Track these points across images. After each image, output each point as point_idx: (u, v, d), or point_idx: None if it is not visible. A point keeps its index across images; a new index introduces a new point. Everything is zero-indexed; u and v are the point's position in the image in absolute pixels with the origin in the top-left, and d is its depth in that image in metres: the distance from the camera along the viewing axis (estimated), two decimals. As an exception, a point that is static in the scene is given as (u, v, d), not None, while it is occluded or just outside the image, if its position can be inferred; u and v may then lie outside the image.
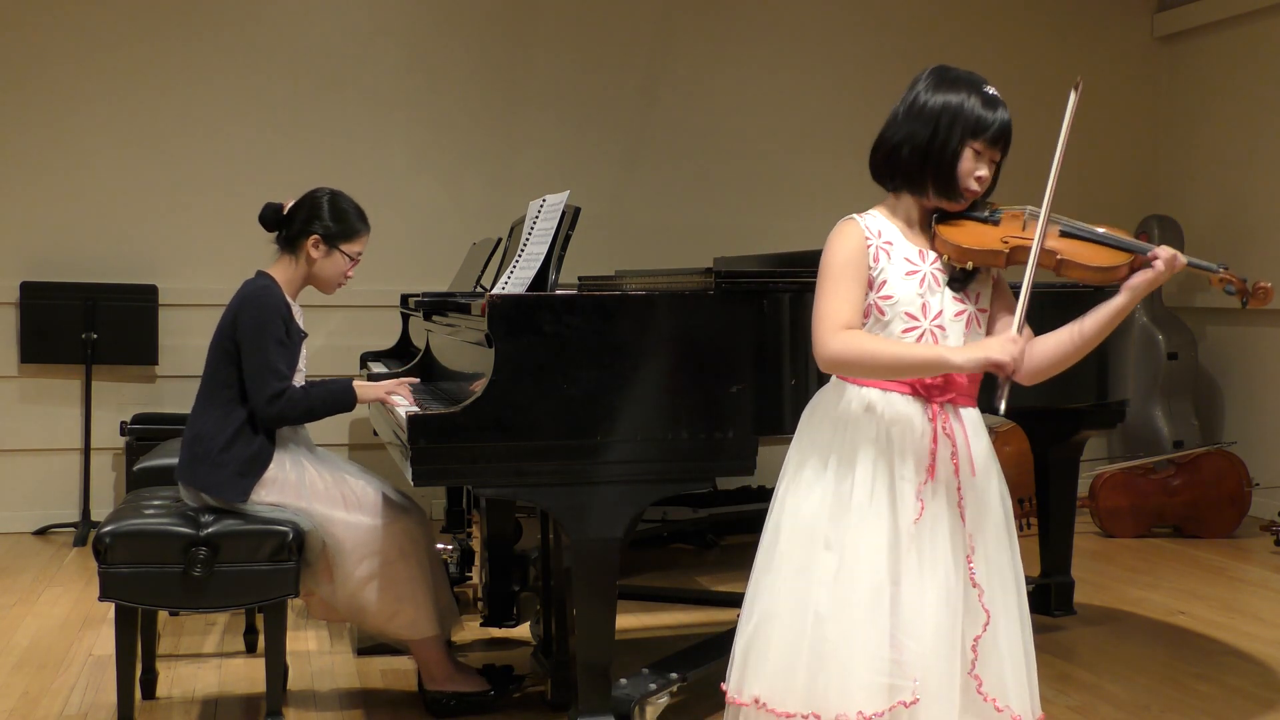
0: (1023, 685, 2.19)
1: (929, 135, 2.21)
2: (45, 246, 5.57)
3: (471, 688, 3.32)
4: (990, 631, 2.17)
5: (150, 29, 5.65)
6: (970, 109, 2.21)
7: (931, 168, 2.21)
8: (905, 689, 2.12)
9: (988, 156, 2.23)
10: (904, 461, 2.17)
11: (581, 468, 2.82)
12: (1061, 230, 2.25)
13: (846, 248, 2.22)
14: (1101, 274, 2.21)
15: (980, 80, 2.27)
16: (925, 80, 2.26)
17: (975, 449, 2.22)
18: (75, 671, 3.67)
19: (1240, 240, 6.18)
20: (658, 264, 5.16)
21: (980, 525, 2.20)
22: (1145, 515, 5.63)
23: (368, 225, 3.38)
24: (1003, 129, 2.23)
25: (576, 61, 6.09)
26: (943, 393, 2.19)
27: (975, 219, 2.26)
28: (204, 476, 3.15)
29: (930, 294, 2.21)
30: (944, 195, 2.23)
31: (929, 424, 2.18)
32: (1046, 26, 6.62)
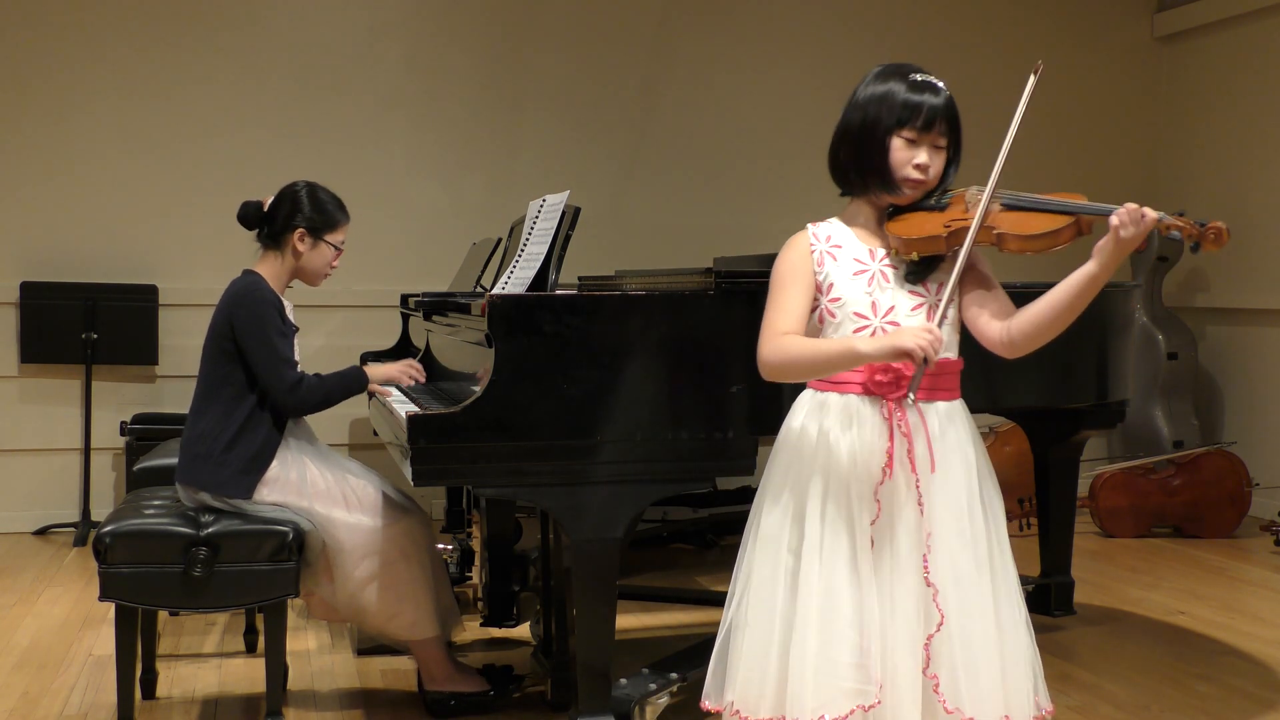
0: (991, 688, 2.13)
1: (858, 133, 2.20)
2: (45, 246, 5.57)
3: (471, 688, 3.32)
4: (945, 632, 2.12)
5: (151, 30, 5.65)
6: (894, 99, 2.17)
7: (865, 163, 2.20)
8: (868, 693, 2.10)
9: (926, 143, 2.18)
10: (859, 462, 2.15)
11: (581, 468, 2.83)
12: (1004, 204, 2.17)
13: (789, 258, 2.24)
14: (1040, 241, 2.12)
15: (911, 68, 2.21)
16: (864, 79, 2.24)
17: (938, 445, 2.17)
18: (75, 671, 3.67)
19: (1240, 240, 6.17)
20: (658, 264, 5.15)
21: (939, 523, 2.15)
22: (1145, 515, 5.63)
23: (347, 215, 3.40)
24: (932, 113, 2.16)
25: (576, 62, 6.09)
26: (895, 388, 2.14)
27: (924, 209, 2.22)
28: (207, 475, 3.16)
29: (880, 291, 2.19)
30: (885, 190, 2.21)
31: (884, 422, 2.16)
32: (1046, 26, 6.61)
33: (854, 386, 2.18)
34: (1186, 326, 6.27)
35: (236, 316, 3.18)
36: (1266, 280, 6.04)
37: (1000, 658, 2.16)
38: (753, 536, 2.26)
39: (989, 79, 6.44)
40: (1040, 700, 2.22)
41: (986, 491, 2.22)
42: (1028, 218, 2.15)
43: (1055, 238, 2.12)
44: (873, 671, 2.11)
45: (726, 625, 2.27)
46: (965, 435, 2.22)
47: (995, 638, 2.16)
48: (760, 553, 2.23)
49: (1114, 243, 2.03)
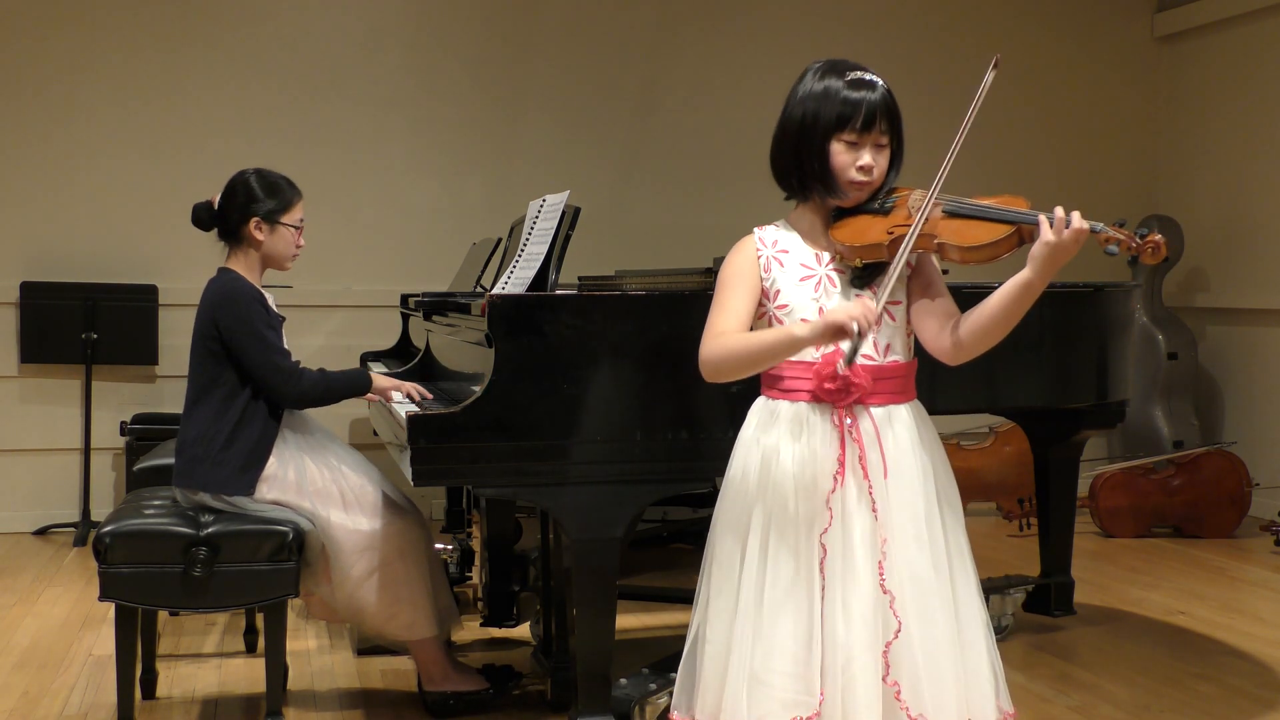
0: (952, 693, 2.11)
1: (797, 136, 2.16)
2: (45, 246, 5.58)
3: (470, 687, 3.32)
4: (903, 639, 2.08)
5: (150, 31, 5.65)
6: (832, 99, 2.12)
7: (807, 169, 2.16)
8: (807, 704, 2.08)
9: (868, 143, 2.13)
10: (809, 471, 2.12)
11: (582, 468, 2.83)
12: (946, 210, 2.11)
13: (735, 261, 2.21)
14: (981, 252, 2.07)
15: (849, 66, 2.15)
16: (799, 80, 2.19)
17: (890, 450, 2.12)
18: (75, 671, 3.67)
19: (1240, 240, 6.19)
20: (658, 264, 5.15)
21: (894, 528, 2.11)
22: (1145, 515, 5.63)
23: (299, 192, 3.33)
24: (871, 112, 2.11)
25: (576, 62, 6.09)
26: (845, 395, 2.10)
27: (868, 212, 2.16)
28: (205, 476, 3.15)
29: (826, 296, 2.15)
30: (829, 194, 2.16)
31: (834, 429, 2.12)
32: (1046, 26, 6.62)
33: (803, 395, 2.14)
34: (1186, 326, 6.27)
35: (221, 316, 3.16)
36: (1266, 280, 6.04)
37: (962, 662, 2.13)
38: (711, 550, 2.24)
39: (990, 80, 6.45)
40: (1001, 703, 2.19)
41: (944, 493, 2.18)
42: (969, 226, 2.10)
43: (996, 248, 2.07)
44: (813, 683, 2.08)
45: (689, 638, 2.26)
46: (920, 437, 2.17)
47: (955, 642, 2.13)
48: (717, 568, 2.21)
49: (1046, 251, 1.99)
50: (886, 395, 2.15)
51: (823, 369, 2.11)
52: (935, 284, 2.21)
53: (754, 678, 2.10)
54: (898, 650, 2.09)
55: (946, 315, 2.18)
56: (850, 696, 2.07)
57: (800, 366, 2.14)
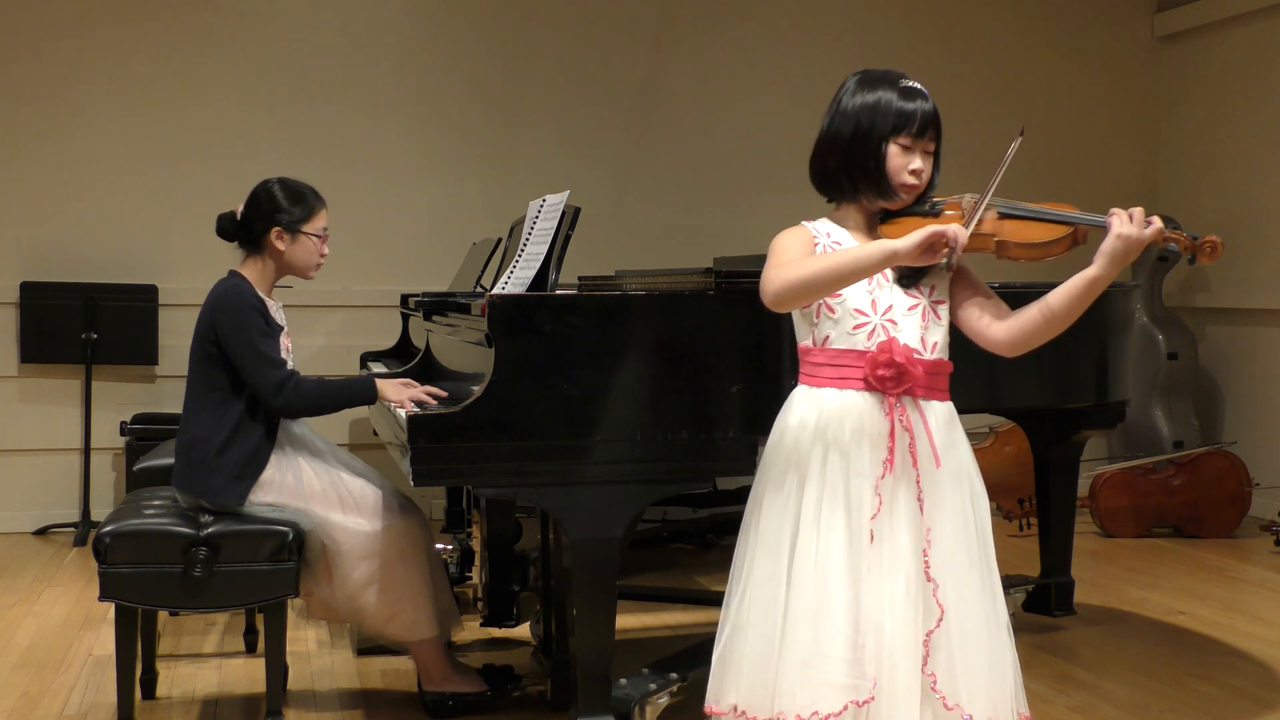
0: (983, 686, 2.15)
1: (850, 139, 2.23)
2: (45, 246, 5.57)
3: (470, 688, 3.32)
4: (943, 628, 2.14)
5: (151, 34, 5.65)
6: (888, 105, 2.21)
7: (860, 172, 2.23)
8: (861, 688, 2.11)
9: (919, 149, 2.23)
10: (859, 458, 2.16)
11: (581, 468, 2.82)
12: (1000, 212, 2.23)
13: (793, 236, 2.26)
14: (1039, 250, 2.20)
15: (898, 75, 2.26)
16: (847, 87, 2.28)
17: (938, 441, 2.19)
18: (75, 671, 3.67)
19: (1240, 240, 6.18)
20: (658, 264, 5.16)
21: (938, 519, 2.18)
22: (1145, 515, 5.63)
23: (323, 200, 3.34)
24: (925, 119, 2.22)
25: (576, 62, 6.09)
26: (897, 384, 2.16)
27: (917, 214, 2.26)
28: (200, 482, 3.15)
29: (879, 290, 2.21)
30: (880, 195, 2.24)
31: (885, 418, 2.17)
32: (1047, 26, 6.62)
33: (855, 382, 2.18)
34: (1186, 326, 6.27)
35: (219, 320, 3.16)
36: (1266, 280, 6.04)
37: (991, 657, 2.18)
38: (752, 534, 2.27)
39: (989, 80, 6.45)
40: (1019, 705, 2.22)
41: (976, 495, 2.24)
42: (1026, 226, 2.21)
43: (1052, 247, 2.19)
44: (866, 666, 2.12)
45: (727, 627, 2.27)
46: (959, 436, 2.25)
47: (988, 636, 2.18)
48: (760, 551, 2.23)
49: (1119, 244, 2.08)
50: (932, 390, 2.22)
51: (878, 356, 2.16)
52: (981, 285, 2.29)
53: (807, 661, 2.13)
54: (937, 639, 2.14)
55: (997, 311, 2.26)
56: (892, 683, 2.11)
57: (851, 355, 2.19)
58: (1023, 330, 2.20)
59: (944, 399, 2.24)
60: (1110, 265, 2.10)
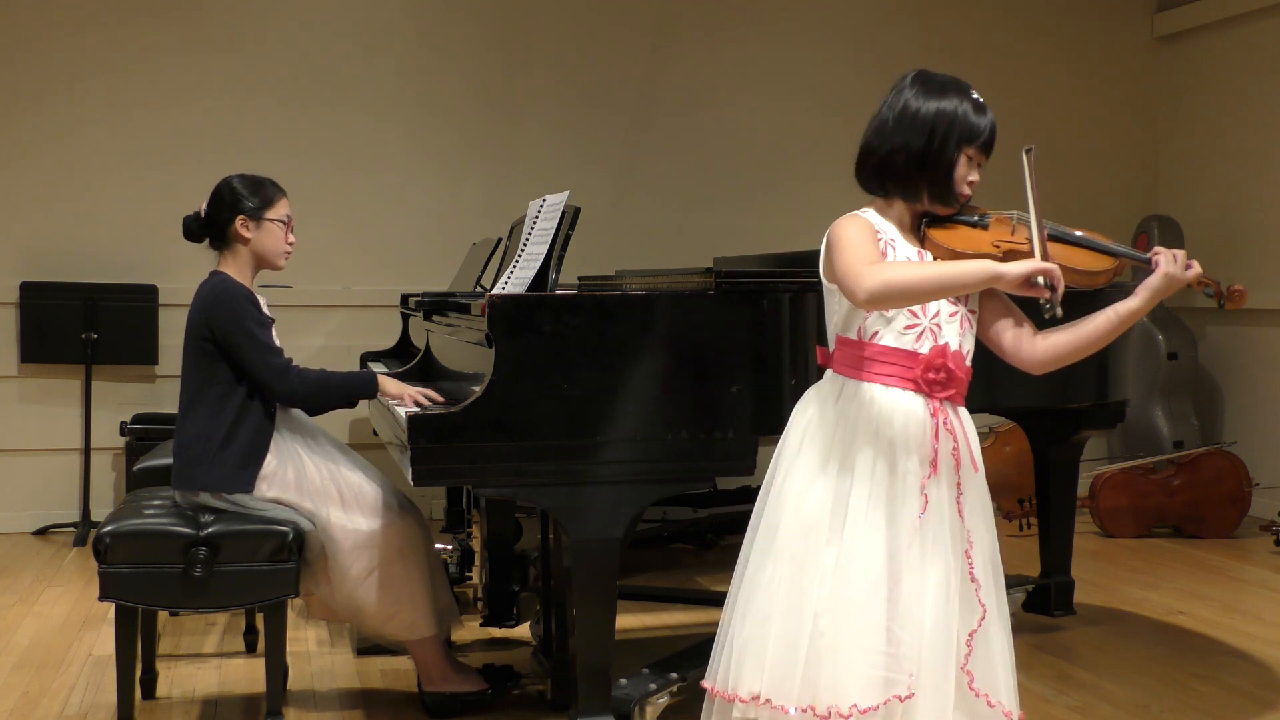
0: (1010, 681, 2.23)
1: (925, 143, 2.26)
2: (45, 246, 5.58)
3: (469, 688, 3.32)
4: (984, 627, 2.21)
5: (150, 32, 5.65)
6: (964, 116, 2.26)
7: (928, 175, 2.27)
8: (900, 683, 2.13)
9: (978, 161, 2.30)
10: (907, 456, 2.20)
11: (581, 468, 2.82)
12: (1050, 235, 2.30)
13: (857, 225, 2.27)
14: (1088, 278, 2.27)
15: (967, 85, 2.31)
16: (911, 87, 2.30)
17: (972, 445, 2.26)
18: (75, 671, 3.67)
19: (1240, 240, 6.19)
20: (658, 264, 5.16)
21: (974, 520, 2.24)
22: (1145, 515, 5.63)
23: (282, 190, 3.35)
24: (993, 134, 2.30)
25: (576, 62, 6.09)
26: (944, 388, 2.22)
27: (965, 223, 2.31)
28: (204, 475, 3.15)
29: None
30: (939, 200, 2.29)
31: (931, 419, 2.21)
32: (1047, 26, 6.62)
33: (905, 382, 2.22)
34: (1186, 326, 6.27)
35: (213, 316, 3.17)
36: (1266, 280, 6.04)
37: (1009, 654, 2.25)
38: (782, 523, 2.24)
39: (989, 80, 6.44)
40: None
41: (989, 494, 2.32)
42: (1075, 252, 2.29)
43: (1098, 277, 2.28)
44: (905, 662, 2.14)
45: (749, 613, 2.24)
46: (977, 440, 2.31)
47: (1005, 635, 2.26)
48: (791, 539, 2.23)
49: (1163, 282, 2.23)
50: (959, 395, 2.27)
51: (932, 359, 2.21)
52: (1010, 303, 2.34)
53: (849, 654, 2.14)
54: (978, 638, 2.20)
55: (1029, 329, 2.33)
56: (930, 679, 2.14)
57: (901, 354, 2.22)
58: (1054, 353, 2.28)
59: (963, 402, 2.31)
60: (1151, 300, 2.22)
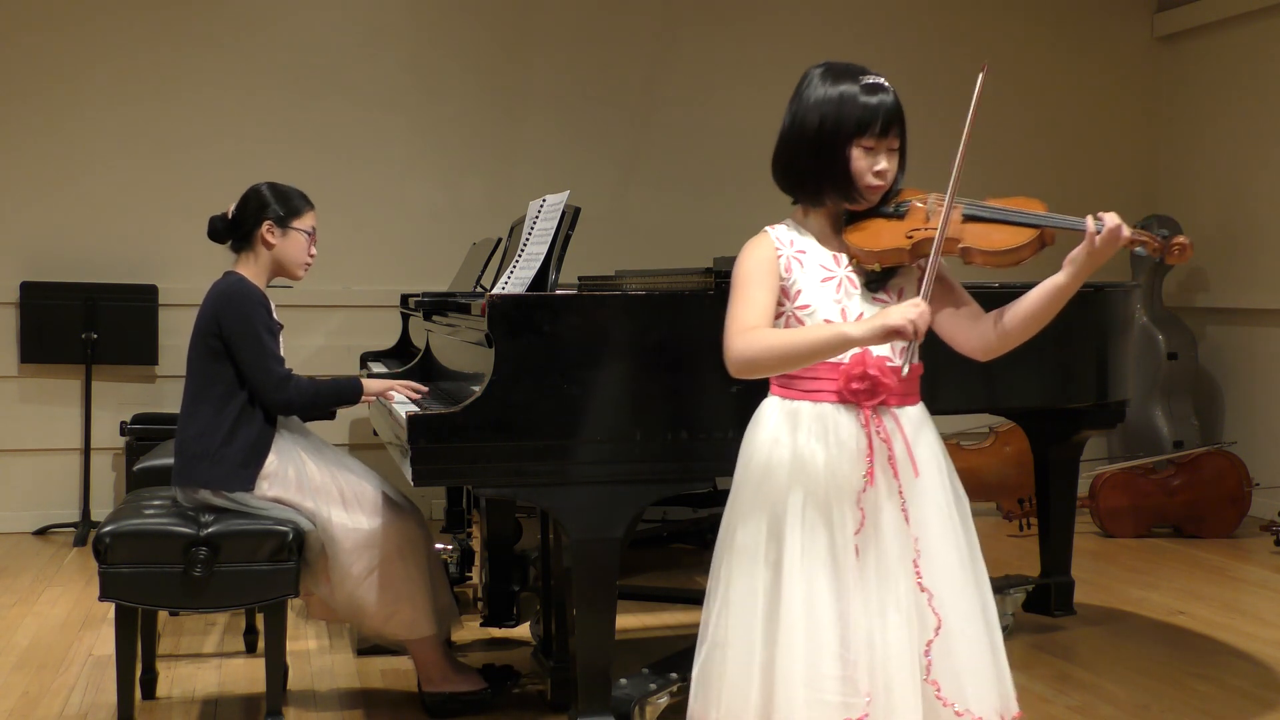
0: (986, 686, 2.14)
1: (813, 143, 2.15)
2: (45, 246, 5.58)
3: (469, 688, 3.32)
4: (943, 635, 2.11)
5: (151, 31, 5.65)
6: (850, 104, 2.13)
7: (825, 175, 2.16)
8: (855, 705, 2.07)
9: (883, 148, 2.15)
10: (838, 472, 2.11)
11: (582, 468, 2.82)
12: (965, 215, 2.14)
13: (755, 257, 2.20)
14: (1006, 256, 2.11)
15: (859, 70, 2.17)
16: (805, 83, 2.20)
17: (916, 449, 2.15)
18: (75, 671, 3.67)
19: (1240, 240, 6.19)
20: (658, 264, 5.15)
21: (925, 527, 2.14)
22: (1145, 515, 5.63)
23: (310, 203, 3.38)
24: (888, 117, 2.13)
25: (577, 62, 6.09)
26: (871, 396, 2.11)
27: (882, 216, 2.18)
28: (205, 473, 3.15)
29: (848, 298, 2.17)
30: (845, 199, 2.18)
31: (862, 430, 2.12)
32: (1046, 26, 6.62)
33: (827, 395, 2.14)
34: (1186, 326, 6.27)
35: (224, 315, 3.18)
36: (1266, 280, 6.04)
37: (992, 655, 2.17)
38: (727, 551, 2.21)
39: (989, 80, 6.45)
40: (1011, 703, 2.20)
41: (957, 492, 2.21)
42: (991, 230, 2.12)
43: (1020, 253, 2.11)
44: (859, 683, 2.08)
45: (706, 643, 2.22)
46: (934, 438, 2.21)
47: (988, 637, 2.17)
48: (737, 568, 2.18)
49: (1087, 254, 2.05)
50: (903, 396, 2.17)
51: (851, 369, 2.11)
52: (956, 287, 2.25)
53: (801, 681, 2.09)
54: (938, 647, 2.11)
55: (974, 316, 2.22)
56: (890, 697, 2.08)
57: (825, 367, 2.14)
58: (997, 336, 2.18)
59: (914, 401, 2.20)
60: (1079, 272, 2.07)
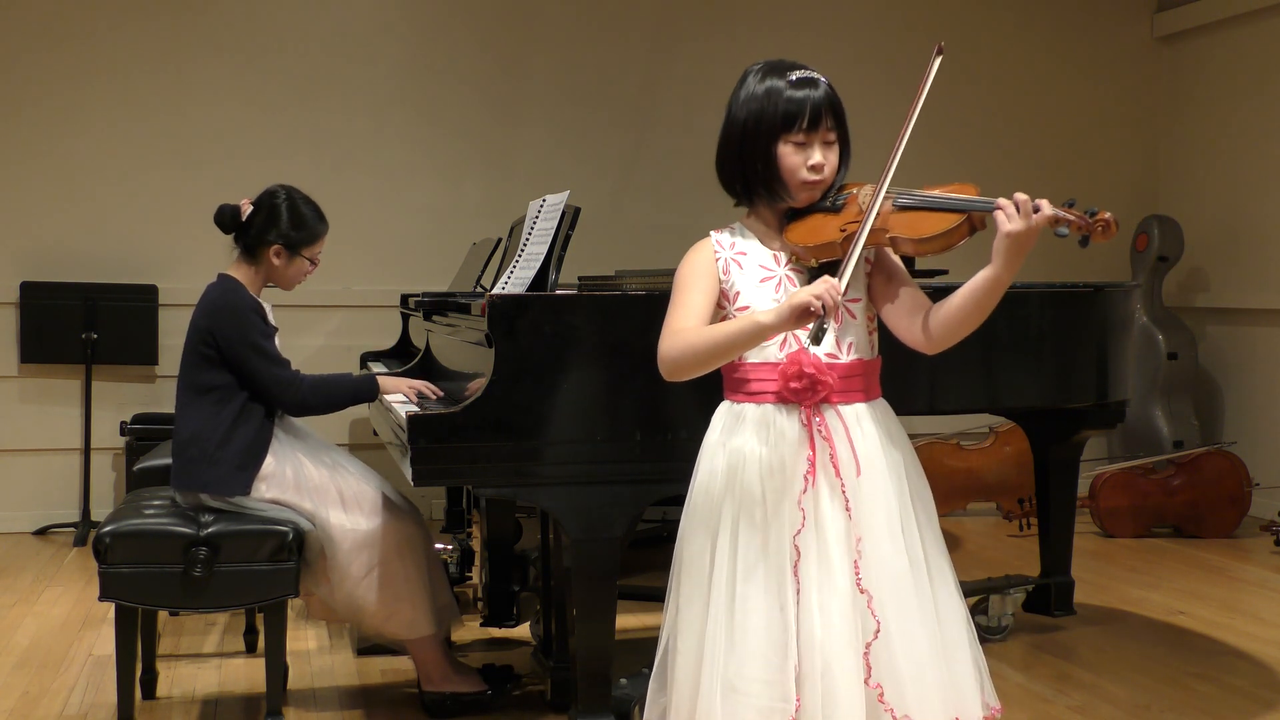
0: (929, 691, 2.07)
1: (741, 141, 2.12)
2: (45, 246, 5.58)
3: (469, 688, 3.32)
4: (883, 638, 2.04)
5: (151, 31, 5.65)
6: (776, 100, 2.08)
7: (756, 176, 2.12)
8: (784, 710, 2.03)
9: (816, 140, 2.10)
10: (777, 473, 2.08)
11: (581, 468, 2.83)
12: (897, 204, 2.07)
13: (692, 261, 2.18)
14: (933, 244, 2.04)
15: (790, 65, 2.12)
16: (740, 82, 2.16)
17: (860, 447, 2.09)
18: (75, 671, 3.67)
19: (1240, 240, 6.19)
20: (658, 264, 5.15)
21: (868, 527, 2.07)
22: (1145, 515, 5.63)
23: (326, 224, 3.37)
24: (816, 109, 2.08)
25: (576, 61, 6.09)
26: (812, 394, 2.07)
27: (821, 210, 2.12)
28: (202, 475, 3.15)
29: (787, 296, 2.09)
30: (777, 198, 2.14)
31: (803, 429, 2.07)
32: (1046, 26, 6.62)
33: (768, 396, 2.10)
34: (1186, 326, 6.27)
35: (219, 327, 3.17)
36: (1266, 280, 6.04)
37: (945, 660, 2.10)
38: (679, 560, 2.19)
39: (989, 80, 6.45)
40: (987, 698, 2.15)
41: (917, 491, 2.15)
42: (920, 218, 2.07)
43: (947, 238, 2.04)
44: (788, 688, 2.03)
45: (662, 647, 2.20)
46: (887, 435, 2.14)
47: (937, 640, 2.10)
48: (686, 576, 2.16)
49: (1005, 241, 1.96)
50: (851, 393, 2.12)
51: (787, 369, 2.08)
52: (898, 276, 2.18)
53: (728, 685, 2.05)
54: (878, 650, 2.05)
55: (916, 306, 2.15)
56: (831, 700, 2.03)
57: (765, 368, 2.11)
58: (935, 332, 2.10)
59: (868, 398, 2.14)
60: (1006, 262, 1.97)
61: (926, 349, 2.14)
